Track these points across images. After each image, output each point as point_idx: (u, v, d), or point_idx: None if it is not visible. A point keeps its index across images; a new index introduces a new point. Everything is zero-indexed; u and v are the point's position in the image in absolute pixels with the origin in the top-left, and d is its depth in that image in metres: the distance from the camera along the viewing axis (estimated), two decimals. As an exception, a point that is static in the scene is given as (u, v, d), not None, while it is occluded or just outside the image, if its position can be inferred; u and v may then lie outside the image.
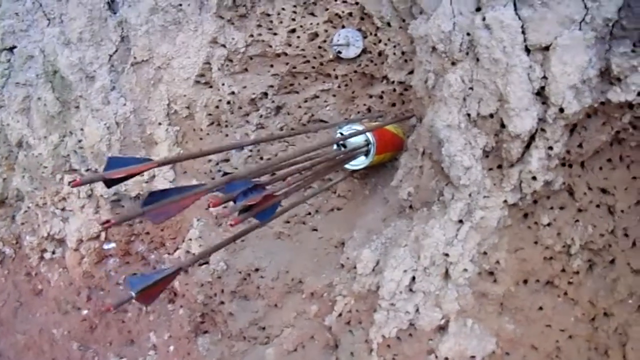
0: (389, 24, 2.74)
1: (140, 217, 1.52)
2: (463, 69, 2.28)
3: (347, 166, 2.56)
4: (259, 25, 2.91)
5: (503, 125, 2.23)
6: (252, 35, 2.91)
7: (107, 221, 1.44)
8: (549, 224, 2.33)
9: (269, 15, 2.89)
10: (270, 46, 2.92)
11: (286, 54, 2.93)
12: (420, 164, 2.54)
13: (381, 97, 2.90)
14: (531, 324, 2.31)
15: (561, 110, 2.12)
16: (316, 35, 2.89)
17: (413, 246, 2.37)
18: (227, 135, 3.03)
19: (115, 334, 3.03)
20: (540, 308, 2.33)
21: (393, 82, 2.83)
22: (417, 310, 2.33)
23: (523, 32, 2.14)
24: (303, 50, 2.91)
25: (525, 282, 2.34)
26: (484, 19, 2.19)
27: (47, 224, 3.12)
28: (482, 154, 2.28)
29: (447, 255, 2.30)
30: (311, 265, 2.79)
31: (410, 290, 2.35)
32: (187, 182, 3.00)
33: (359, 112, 2.96)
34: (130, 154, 3.00)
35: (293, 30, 2.89)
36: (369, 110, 2.94)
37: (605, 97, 2.13)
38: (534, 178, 2.21)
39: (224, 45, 2.92)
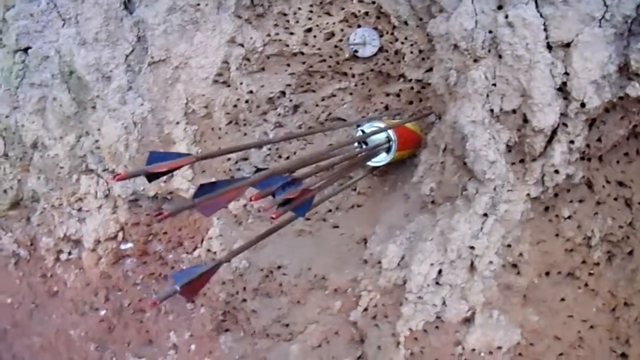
0: (406, 23, 2.78)
1: (192, 208, 1.55)
2: (486, 65, 2.33)
3: (368, 163, 2.60)
4: (276, 25, 2.94)
5: (526, 121, 2.29)
6: (269, 35, 2.94)
7: (160, 213, 1.47)
8: (569, 217, 2.40)
9: (285, 14, 2.92)
10: (287, 45, 2.96)
11: (303, 53, 2.96)
12: (441, 160, 2.59)
13: (398, 95, 2.94)
14: (554, 315, 2.37)
15: (582, 105, 2.19)
16: (332, 34, 2.92)
17: (439, 240, 2.41)
18: (245, 134, 3.06)
19: (134, 334, 3.04)
20: (562, 299, 2.38)
21: (410, 80, 2.87)
22: (444, 302, 2.38)
23: (545, 29, 2.20)
24: (319, 49, 2.94)
25: (548, 274, 2.40)
26: (506, 16, 2.25)
27: (63, 224, 3.12)
28: (506, 148, 2.34)
29: (472, 248, 2.35)
30: (333, 261, 2.82)
31: (437, 283, 2.39)
32: (206, 180, 3.01)
33: (376, 110, 3.00)
34: (148, 154, 3.02)
35: (309, 30, 2.92)
36: (386, 108, 2.98)
37: (624, 92, 2.19)
38: (557, 172, 2.27)
39: (241, 45, 2.95)
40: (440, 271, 2.39)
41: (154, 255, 3.14)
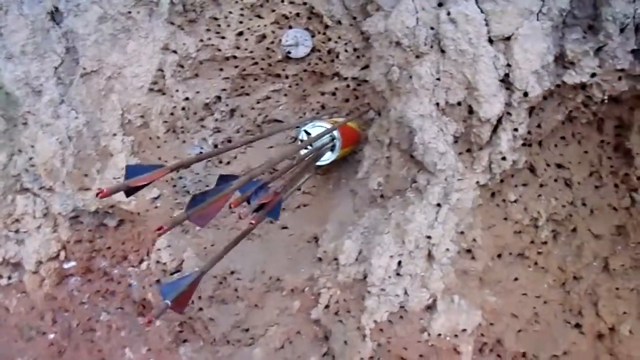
0: (339, 22, 2.82)
1: (186, 220, 1.53)
2: (430, 61, 2.41)
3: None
4: (208, 30, 2.91)
5: (471, 112, 2.39)
6: (202, 40, 2.91)
7: (160, 227, 1.45)
8: (515, 201, 2.52)
9: (216, 19, 2.89)
10: (220, 50, 2.93)
11: (235, 57, 2.95)
12: (386, 154, 2.65)
13: (334, 94, 2.98)
14: (509, 294, 2.49)
15: (525, 94, 2.31)
16: (264, 36, 2.93)
17: (396, 232, 2.48)
18: (184, 141, 3.02)
19: (86, 355, 2.92)
20: (516, 279, 2.51)
21: (346, 78, 2.92)
22: (406, 292, 2.45)
23: (486, 24, 2.30)
24: (252, 52, 2.94)
25: (500, 256, 2.52)
26: (448, 13, 2.34)
27: (1, 248, 2.95)
28: (453, 139, 2.44)
29: (429, 237, 2.43)
30: (286, 262, 2.83)
31: (398, 274, 2.46)
32: (147, 191, 2.95)
33: (313, 110, 3.04)
34: (86, 168, 2.91)
35: (241, 33, 2.91)
36: (322, 107, 3.02)
37: (561, 79, 2.34)
38: (504, 158, 2.39)
39: (175, 52, 2.89)
40: (399, 262, 2.46)
41: (98, 271, 3.04)
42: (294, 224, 2.91)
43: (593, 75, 2.27)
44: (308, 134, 2.68)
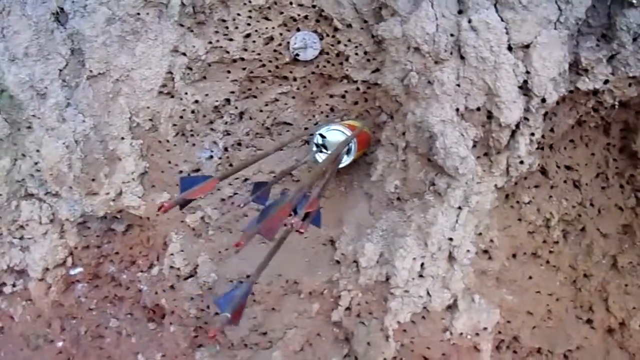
0: (349, 26, 2.85)
1: (258, 234, 1.55)
2: (450, 67, 2.47)
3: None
4: (216, 32, 2.89)
5: (490, 117, 2.47)
6: (210, 42, 2.89)
7: (239, 244, 1.47)
8: (529, 202, 2.62)
9: (224, 21, 2.88)
10: (228, 52, 2.92)
11: (243, 59, 2.95)
12: (402, 157, 2.70)
13: (343, 97, 3.01)
14: (524, 293, 2.60)
15: (543, 100, 2.40)
16: (272, 39, 2.93)
17: (417, 234, 2.54)
18: (194, 144, 3.00)
19: (95, 361, 2.89)
20: (530, 277, 2.62)
21: (356, 81, 2.95)
22: (428, 293, 2.52)
23: (507, 32, 2.38)
24: (259, 54, 2.94)
25: (515, 256, 2.62)
26: (469, 21, 2.40)
27: (5, 255, 2.86)
28: (472, 144, 2.51)
29: (451, 239, 2.50)
30: (303, 265, 2.86)
31: (421, 276, 2.52)
32: (157, 195, 2.93)
33: (322, 113, 3.06)
34: (93, 172, 2.86)
35: (248, 35, 2.91)
36: (331, 109, 3.04)
37: (574, 85, 2.44)
38: (522, 162, 2.47)
39: (184, 54, 2.87)
40: (422, 264, 2.52)
41: (106, 277, 2.99)
42: (309, 227, 2.93)
43: (606, 82, 2.38)
44: (323, 137, 2.71)
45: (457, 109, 2.49)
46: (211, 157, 3.03)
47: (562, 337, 2.57)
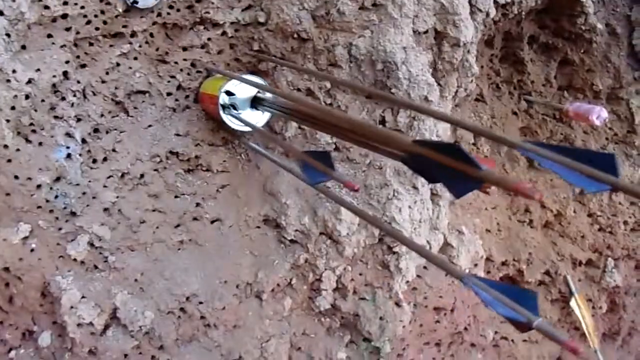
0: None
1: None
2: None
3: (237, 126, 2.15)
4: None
5: (438, 38, 2.28)
6: (29, -5, 1.93)
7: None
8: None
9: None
10: (47, 7, 2.00)
11: (65, 16, 2.06)
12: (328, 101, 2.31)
13: (203, 47, 2.37)
14: (480, 212, 2.59)
15: (487, 15, 2.34)
16: None
17: (400, 180, 2.23)
18: (41, 143, 2.00)
19: None
20: (478, 195, 2.58)
21: (222, 24, 2.35)
22: (427, 240, 2.27)
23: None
24: (83, 8, 2.09)
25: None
26: None
27: None
28: (429, 66, 2.29)
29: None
30: (247, 260, 2.21)
31: (420, 222, 2.24)
32: (9, 232, 1.87)
33: (182, 70, 2.36)
34: None
35: None
36: (192, 65, 2.37)
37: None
38: (472, 81, 2.38)
39: (2, 13, 1.86)
40: (417, 210, 2.25)
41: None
42: (227, 212, 2.30)
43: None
44: (231, 94, 2.14)
45: (415, 31, 2.24)
46: (69, 155, 2.08)
47: (517, 245, 2.65)
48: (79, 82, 2.10)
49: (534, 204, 2.78)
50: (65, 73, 2.05)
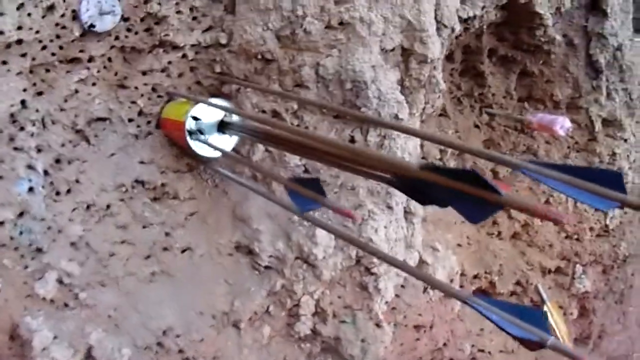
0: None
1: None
2: (363, 5, 2.15)
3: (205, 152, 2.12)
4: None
5: (405, 55, 2.27)
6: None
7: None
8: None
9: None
10: (2, 32, 1.91)
11: (21, 42, 1.97)
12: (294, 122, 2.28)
13: (164, 71, 2.31)
14: (449, 227, 2.58)
15: (452, 30, 2.36)
16: (52, 7, 2.02)
17: (374, 200, 2.21)
18: (1, 177, 1.90)
19: None
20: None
21: (182, 46, 2.29)
22: (404, 259, 2.25)
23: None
24: (38, 32, 2.00)
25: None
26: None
27: None
28: (397, 84, 2.28)
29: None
30: (222, 289, 2.15)
31: (396, 240, 2.23)
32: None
33: (142, 95, 2.28)
34: None
35: (22, 5, 1.95)
36: (153, 89, 2.30)
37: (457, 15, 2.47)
38: (439, 97, 2.39)
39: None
40: (392, 230, 2.23)
41: None
42: (197, 240, 2.23)
43: (482, 8, 2.47)
44: (197, 119, 2.09)
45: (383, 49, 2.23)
46: (31, 188, 1.98)
47: (487, 258, 2.66)
48: (37, 110, 2.02)
49: (501, 215, 2.81)
50: (23, 102, 1.97)
